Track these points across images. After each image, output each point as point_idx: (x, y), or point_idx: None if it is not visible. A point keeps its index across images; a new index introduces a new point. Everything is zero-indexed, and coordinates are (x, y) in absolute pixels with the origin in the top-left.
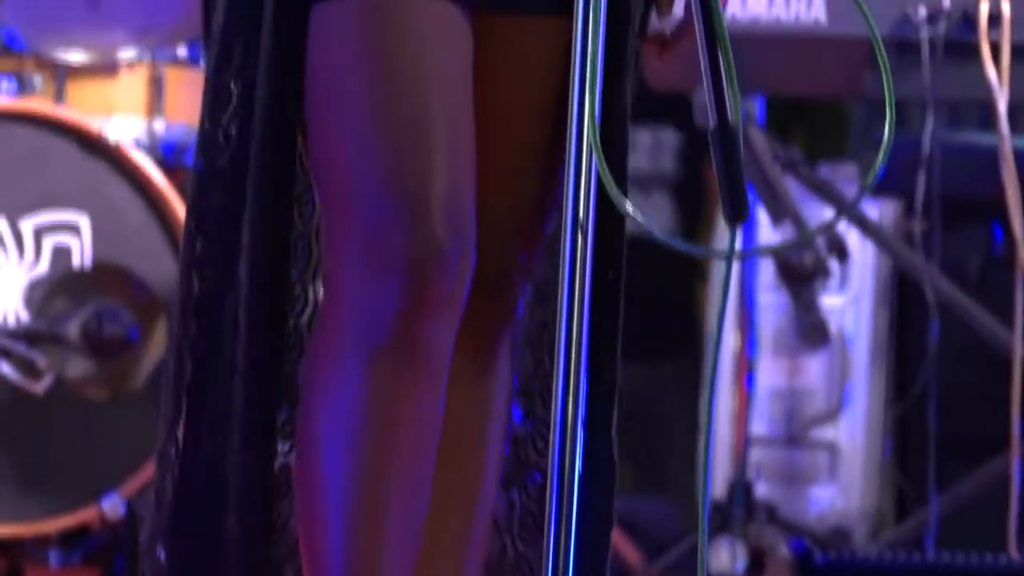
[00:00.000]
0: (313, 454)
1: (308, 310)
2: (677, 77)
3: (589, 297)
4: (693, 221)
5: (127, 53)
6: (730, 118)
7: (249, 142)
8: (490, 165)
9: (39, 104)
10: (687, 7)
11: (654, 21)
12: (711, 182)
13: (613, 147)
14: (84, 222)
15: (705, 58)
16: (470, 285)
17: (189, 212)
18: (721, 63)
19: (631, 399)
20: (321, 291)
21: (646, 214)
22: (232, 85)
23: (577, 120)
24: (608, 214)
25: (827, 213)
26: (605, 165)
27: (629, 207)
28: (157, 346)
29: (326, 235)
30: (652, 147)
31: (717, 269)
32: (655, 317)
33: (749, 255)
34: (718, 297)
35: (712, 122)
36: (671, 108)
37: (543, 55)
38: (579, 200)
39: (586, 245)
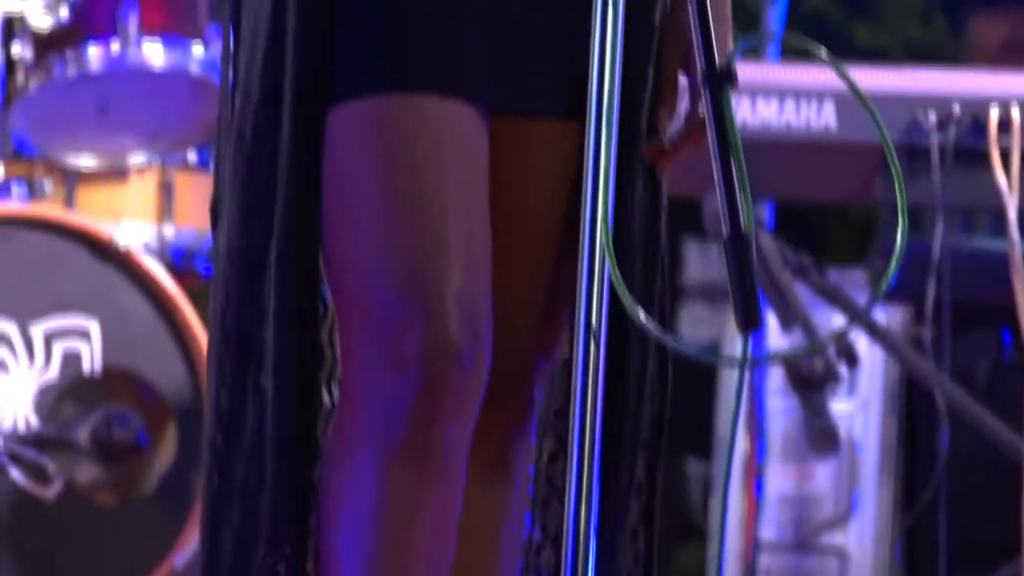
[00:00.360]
0: (330, 556)
1: (324, 413)
2: (688, 183)
3: (601, 403)
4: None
5: (137, 158)
6: (743, 227)
7: (268, 247)
8: (504, 267)
9: (49, 209)
10: (686, 118)
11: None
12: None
13: (628, 252)
14: (94, 327)
15: (718, 166)
16: (486, 390)
17: (213, 318)
18: (734, 171)
19: None
20: (337, 393)
21: (714, 325)
22: (254, 190)
23: (590, 225)
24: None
25: (837, 318)
26: (618, 271)
27: (641, 314)
28: (167, 451)
29: (341, 335)
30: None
31: (728, 374)
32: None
33: (761, 363)
34: (729, 402)
35: (725, 230)
36: None
37: (556, 156)
38: (591, 306)
39: (598, 353)
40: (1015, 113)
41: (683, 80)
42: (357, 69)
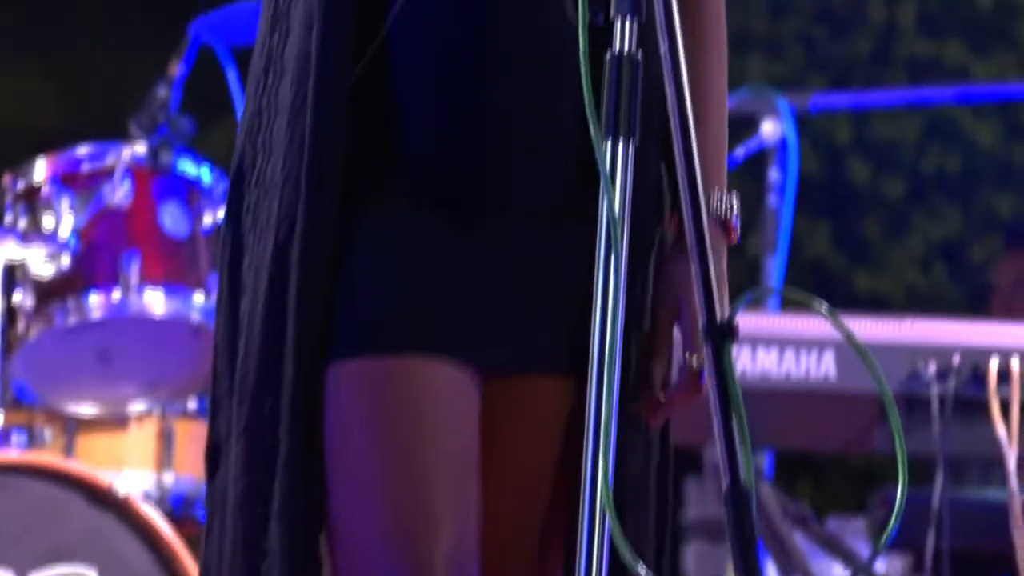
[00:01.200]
0: None
1: None
2: (689, 432)
3: None
4: None
5: (137, 406)
6: (742, 480)
7: (270, 499)
8: (498, 521)
9: (48, 457)
10: (680, 371)
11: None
12: None
13: (628, 505)
14: (93, 575)
15: (718, 419)
16: None
17: (215, 559)
18: (734, 425)
19: None
20: None
21: (718, 562)
22: (256, 440)
23: (591, 482)
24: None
25: (836, 567)
26: (619, 527)
27: (642, 570)
28: None
29: None
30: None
31: None
32: None
33: None
34: None
35: (724, 483)
36: None
37: (548, 413)
38: (592, 563)
39: None
40: (1015, 364)
41: (676, 332)
42: (353, 329)
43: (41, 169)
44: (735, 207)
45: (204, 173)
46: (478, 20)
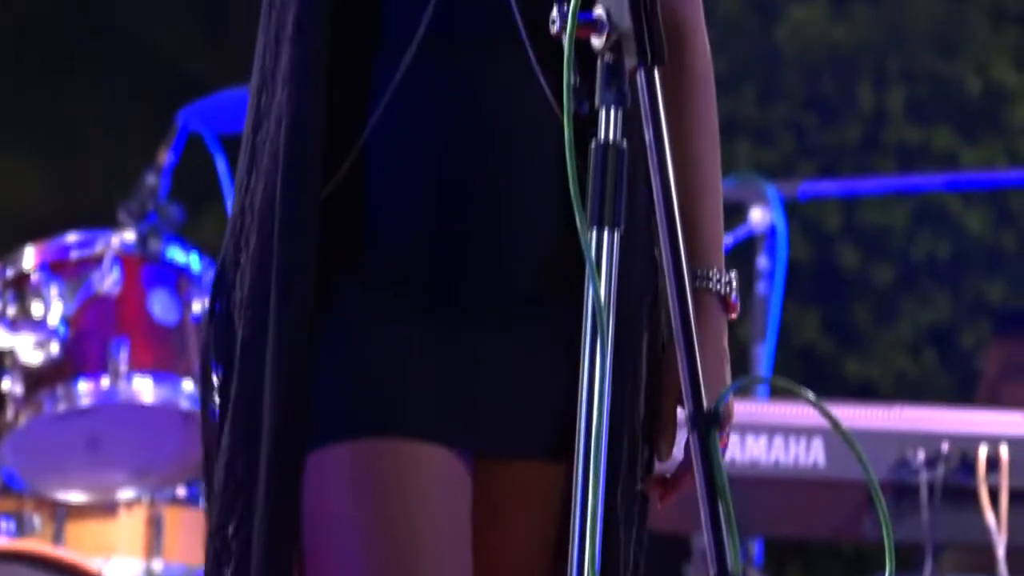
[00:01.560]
0: None
1: None
2: (677, 519)
3: None
4: None
5: (126, 493)
6: (729, 568)
7: None
8: None
9: (38, 545)
10: (686, 450)
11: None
12: None
13: None
14: None
15: (705, 506)
16: None
17: None
18: (721, 512)
19: None
20: None
21: None
22: (232, 541)
23: (577, 567)
24: None
25: None
26: None
27: None
28: None
29: None
30: None
31: None
32: None
33: None
34: None
35: (712, 570)
36: None
37: (542, 500)
38: None
39: None
40: (1003, 451)
41: (682, 413)
42: (334, 417)
43: (30, 256)
44: (734, 284)
45: (193, 260)
46: (455, 110)
